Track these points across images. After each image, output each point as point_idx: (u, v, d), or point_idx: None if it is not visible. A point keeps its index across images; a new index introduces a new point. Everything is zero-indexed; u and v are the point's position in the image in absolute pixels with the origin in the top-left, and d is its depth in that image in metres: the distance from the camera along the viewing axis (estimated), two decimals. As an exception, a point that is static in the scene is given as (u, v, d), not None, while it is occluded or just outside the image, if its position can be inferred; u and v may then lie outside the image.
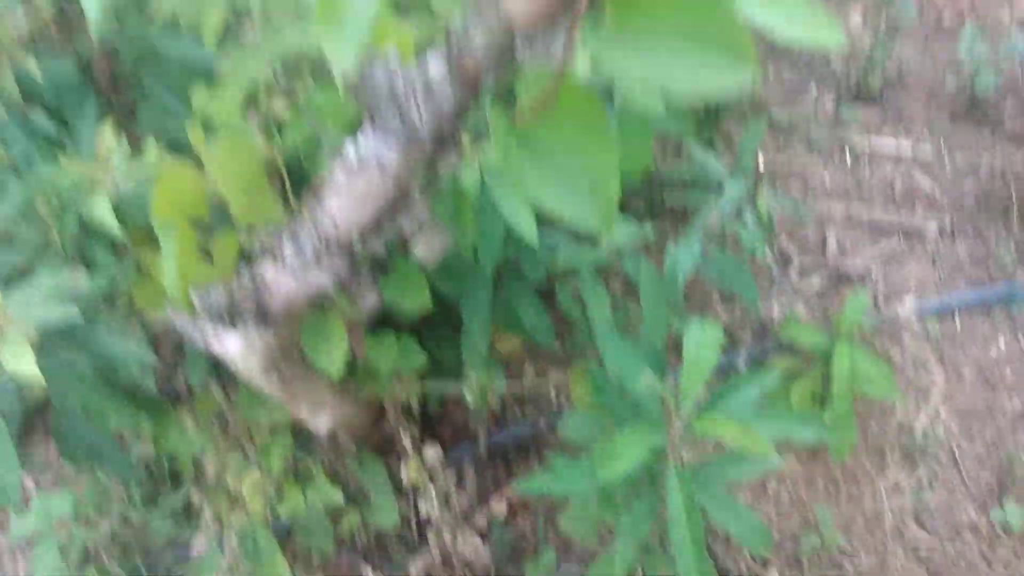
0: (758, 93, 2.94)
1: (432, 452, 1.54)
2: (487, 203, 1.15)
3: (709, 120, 2.28)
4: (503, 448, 1.98)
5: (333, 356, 1.09)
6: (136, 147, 1.20)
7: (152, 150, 1.15)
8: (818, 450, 1.93)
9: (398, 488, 1.69)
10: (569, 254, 1.42)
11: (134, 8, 1.36)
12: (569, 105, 0.63)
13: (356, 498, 1.66)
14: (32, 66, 1.11)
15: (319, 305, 1.17)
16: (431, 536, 1.61)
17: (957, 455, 1.90)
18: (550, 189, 0.67)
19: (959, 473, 1.89)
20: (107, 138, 1.11)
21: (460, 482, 1.78)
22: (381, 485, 1.62)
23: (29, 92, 1.20)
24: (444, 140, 0.73)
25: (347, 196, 0.80)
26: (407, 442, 1.52)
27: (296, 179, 0.94)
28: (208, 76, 1.10)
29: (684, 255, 1.31)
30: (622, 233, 1.47)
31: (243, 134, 0.83)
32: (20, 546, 2.02)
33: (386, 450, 1.64)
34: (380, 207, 0.81)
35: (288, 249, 0.87)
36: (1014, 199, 2.39)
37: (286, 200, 0.89)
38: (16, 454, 0.99)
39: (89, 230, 1.15)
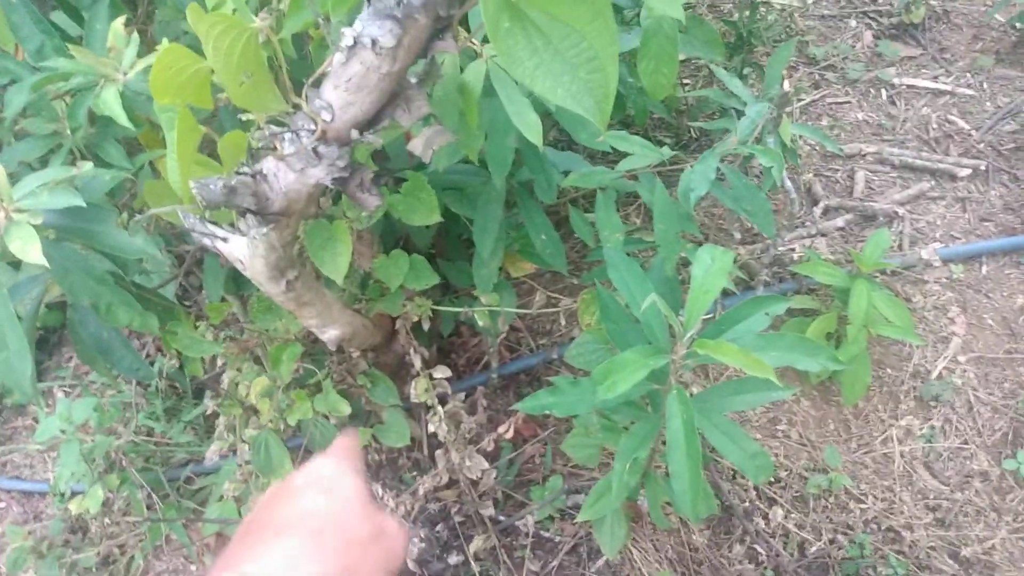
0: (795, 23, 2.85)
1: (441, 372, 1.55)
2: (495, 109, 1.13)
3: (740, 47, 2.21)
4: (515, 377, 1.99)
5: (338, 263, 1.09)
6: (151, 48, 1.20)
7: (164, 46, 1.14)
8: (831, 392, 1.92)
9: (409, 410, 1.72)
10: (582, 175, 1.39)
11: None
12: (565, -20, 0.61)
13: (368, 417, 1.68)
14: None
15: (326, 214, 1.16)
16: (439, 457, 1.63)
17: (973, 403, 1.87)
18: (545, 73, 0.65)
19: (973, 421, 1.86)
20: (118, 32, 1.10)
21: (471, 409, 1.80)
22: (392, 405, 1.64)
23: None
24: (440, 18, 0.71)
25: (344, 85, 0.78)
26: (417, 362, 1.53)
27: (298, 71, 0.93)
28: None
29: (698, 176, 1.28)
30: (640, 154, 1.45)
31: (240, 9, 0.82)
32: (47, 450, 2.09)
33: (399, 372, 1.66)
34: (376, 97, 0.80)
35: (287, 142, 0.86)
36: (1054, 144, 2.30)
37: (287, 93, 0.88)
38: (28, 343, 1.01)
39: (101, 126, 1.15)
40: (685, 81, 2.61)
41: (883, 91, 2.59)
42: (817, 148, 2.43)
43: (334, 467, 0.60)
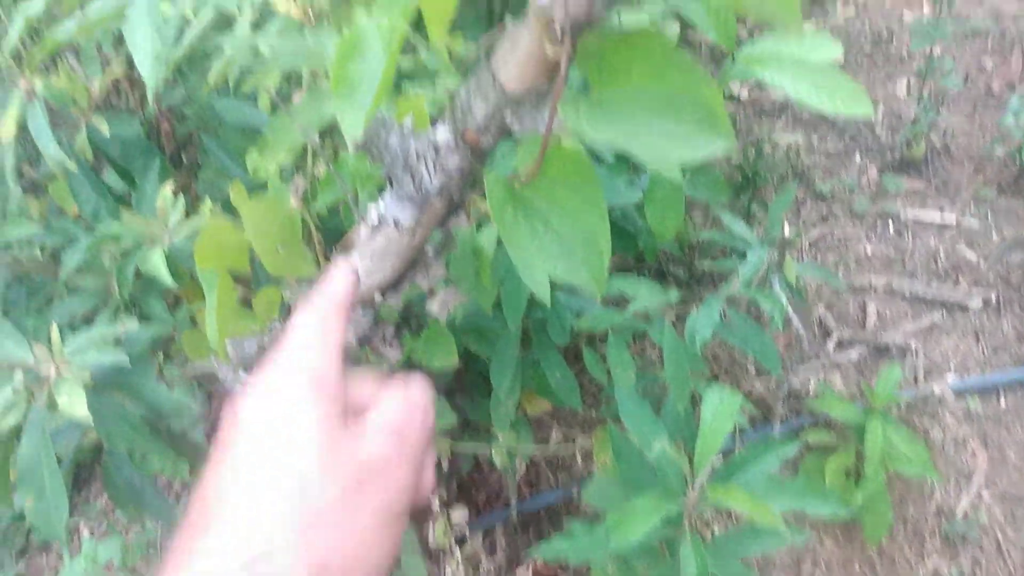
0: (801, 160, 2.98)
1: (460, 514, 1.57)
2: (507, 262, 1.21)
3: (747, 187, 2.32)
4: (535, 514, 1.99)
5: (359, 407, 1.15)
6: (195, 204, 1.31)
7: (206, 209, 1.25)
8: (854, 532, 1.89)
9: (428, 551, 1.72)
10: (595, 317, 1.46)
11: (196, 72, 1.49)
12: (559, 168, 0.69)
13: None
14: (103, 126, 1.23)
15: (349, 358, 1.23)
16: (456, 595, 1.62)
17: (1001, 543, 1.83)
18: (544, 249, 0.72)
19: (1004, 563, 1.81)
20: (167, 196, 1.21)
21: (491, 548, 1.80)
22: (410, 546, 1.65)
23: (101, 151, 1.33)
24: (453, 201, 0.80)
25: (368, 254, 0.87)
26: (435, 503, 1.55)
27: (329, 238, 1.02)
28: (262, 138, 1.21)
29: (702, 320, 1.34)
30: (649, 297, 1.51)
31: (278, 194, 0.91)
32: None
33: (417, 513, 1.67)
34: (398, 265, 0.88)
35: (316, 302, 0.94)
36: (1063, 275, 2.35)
37: (318, 258, 0.96)
38: (65, 489, 1.06)
39: (146, 282, 1.25)
40: (695, 215, 2.72)
41: (890, 224, 2.68)
42: (827, 281, 2.49)
43: (295, 381, 0.44)
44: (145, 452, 1.11)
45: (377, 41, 0.63)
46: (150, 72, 0.78)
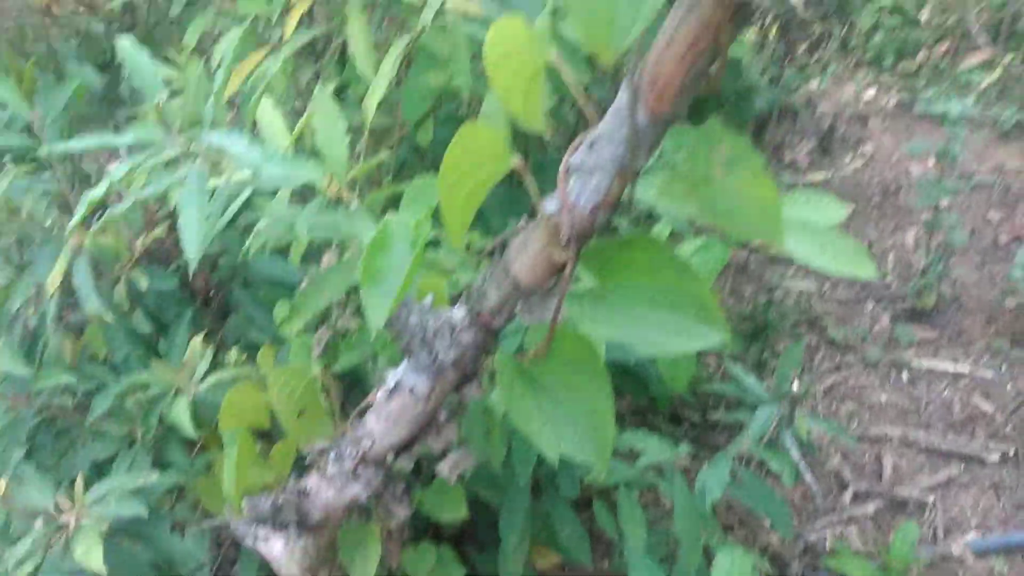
0: (812, 309, 3.03)
1: (464, 667, 1.52)
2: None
3: (757, 337, 2.36)
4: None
5: (367, 566, 1.15)
6: (223, 353, 1.37)
7: (232, 358, 1.31)
8: None
9: None
10: (605, 471, 1.47)
11: (233, 228, 1.59)
12: (565, 351, 0.74)
13: None
14: (141, 277, 1.31)
15: (359, 513, 1.25)
16: None
17: None
18: (551, 429, 0.76)
19: None
20: (196, 348, 1.27)
21: None
22: None
23: (136, 299, 1.40)
24: (466, 374, 0.84)
25: (384, 416, 0.91)
26: (440, 655, 1.51)
27: (347, 399, 1.06)
28: (291, 292, 1.28)
29: (713, 479, 1.35)
30: (659, 452, 1.53)
31: (302, 363, 0.97)
32: None
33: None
34: (411, 429, 0.92)
35: (331, 462, 0.97)
36: (1082, 430, 2.33)
37: (335, 417, 1.01)
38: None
39: (168, 429, 1.29)
40: (709, 360, 2.75)
41: (904, 373, 2.69)
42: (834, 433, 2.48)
43: None
44: (154, 603, 1.12)
45: (404, 239, 0.70)
46: (194, 250, 0.85)
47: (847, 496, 2.20)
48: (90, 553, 0.97)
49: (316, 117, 1.01)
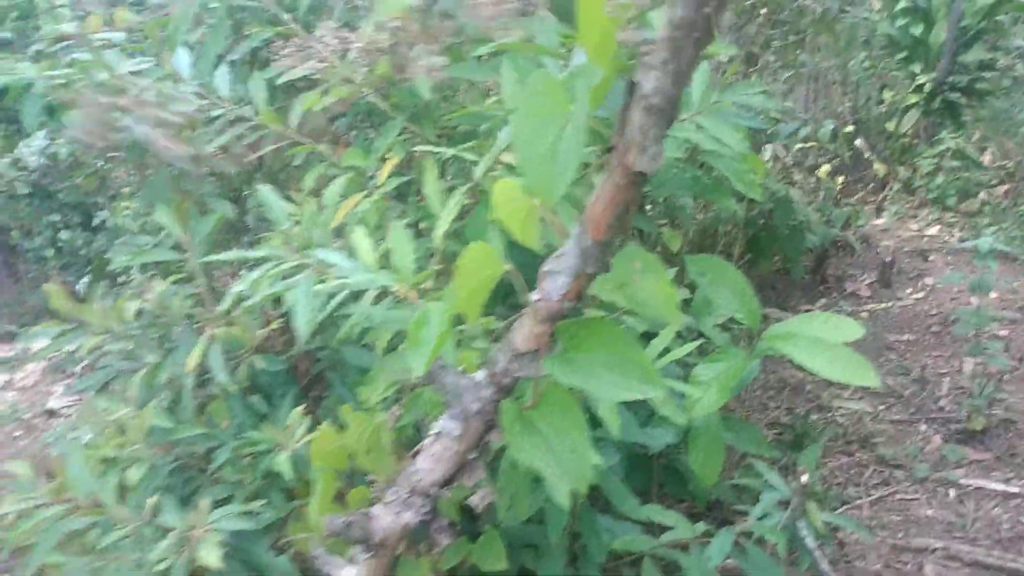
0: (865, 429, 3.16)
1: None
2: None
3: (797, 446, 2.54)
4: None
5: (418, 591, 1.43)
6: (316, 427, 1.72)
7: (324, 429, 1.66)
8: None
9: None
10: (628, 540, 1.71)
11: (332, 326, 1.98)
12: (552, 402, 1.05)
13: None
14: (259, 361, 1.70)
15: (412, 550, 1.54)
16: None
17: None
18: (541, 459, 1.06)
19: None
20: (296, 415, 1.63)
21: None
22: None
23: (253, 379, 1.79)
24: (488, 422, 1.16)
25: (430, 456, 1.22)
26: None
27: (407, 445, 1.38)
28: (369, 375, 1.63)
29: (716, 549, 1.57)
30: (680, 530, 1.76)
31: (372, 414, 1.30)
32: None
33: None
34: (450, 467, 1.22)
35: (390, 494, 1.28)
36: None
37: (398, 457, 1.33)
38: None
39: (271, 478, 1.63)
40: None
41: (951, 491, 2.77)
42: (887, 540, 2.58)
43: None
44: (250, 613, 1.43)
45: (437, 318, 1.04)
46: (304, 331, 1.22)
47: (885, 602, 2.30)
48: (210, 555, 1.30)
49: (393, 242, 1.40)
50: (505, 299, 1.43)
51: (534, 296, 0.99)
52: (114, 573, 1.37)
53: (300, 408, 1.67)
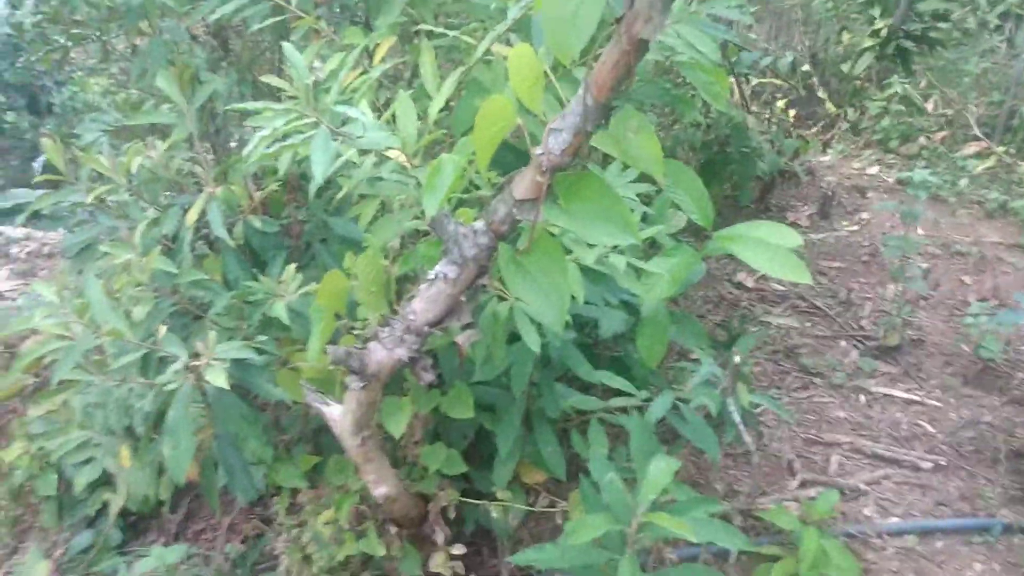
0: (791, 342, 3.45)
1: (458, 549, 1.96)
2: (518, 349, 1.71)
3: (728, 346, 2.80)
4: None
5: (399, 422, 1.62)
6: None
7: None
8: (799, 634, 2.17)
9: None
10: (580, 400, 1.92)
11: (321, 199, 2.10)
12: (543, 246, 1.22)
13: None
14: (257, 223, 1.82)
15: (395, 391, 1.72)
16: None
17: (924, 657, 2.10)
18: (529, 294, 1.23)
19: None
20: (290, 271, 1.77)
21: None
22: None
23: (248, 238, 1.91)
24: (482, 267, 1.32)
25: (425, 298, 1.39)
26: (440, 538, 1.95)
27: (401, 293, 1.54)
28: (356, 247, 1.77)
29: (656, 407, 1.80)
30: (625, 398, 1.99)
31: (375, 255, 1.45)
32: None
33: (423, 548, 2.07)
34: (443, 309, 1.39)
35: (385, 332, 1.45)
36: (1003, 452, 2.71)
37: (392, 305, 1.49)
38: (192, 445, 1.54)
39: (264, 326, 1.78)
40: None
41: (862, 397, 3.09)
42: (801, 435, 2.89)
43: None
44: (246, 436, 1.59)
45: (450, 168, 1.19)
46: (320, 174, 1.35)
47: (794, 483, 2.60)
48: (217, 376, 1.45)
49: (398, 108, 1.53)
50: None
51: (538, 151, 1.15)
52: (126, 392, 1.52)
53: (293, 266, 1.81)
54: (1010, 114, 4.99)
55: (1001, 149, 4.82)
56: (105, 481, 2.12)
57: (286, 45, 1.51)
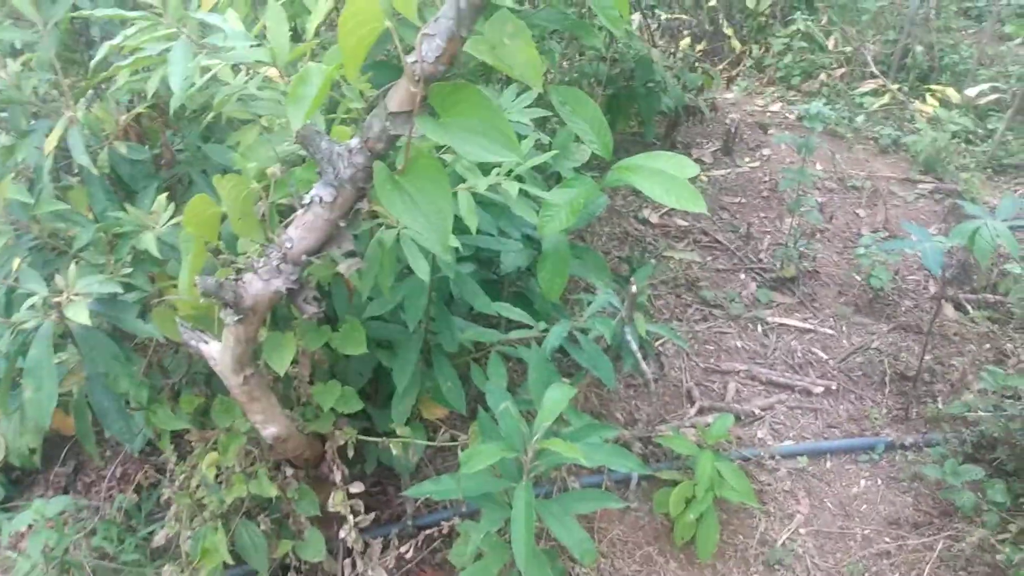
0: (692, 275, 3.51)
1: (356, 487, 1.92)
2: (411, 282, 1.65)
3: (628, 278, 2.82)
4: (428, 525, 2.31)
5: (283, 359, 1.54)
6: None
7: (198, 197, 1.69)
8: (693, 553, 2.24)
9: (326, 515, 2.03)
10: (478, 332, 1.89)
11: (194, 125, 1.96)
12: (420, 167, 1.15)
13: (293, 533, 2.00)
14: (122, 149, 1.68)
15: (278, 324, 1.64)
16: (347, 566, 1.94)
17: (810, 568, 2.21)
18: (409, 216, 1.17)
19: (813, 586, 2.19)
20: (161, 201, 1.65)
21: (386, 548, 2.12)
22: (313, 521, 1.97)
23: (115, 167, 1.76)
24: (360, 189, 1.25)
25: (301, 225, 1.31)
26: (338, 477, 1.91)
27: (278, 221, 1.45)
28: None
29: (552, 337, 1.78)
30: (523, 330, 1.96)
31: (245, 178, 1.35)
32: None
33: (322, 489, 2.02)
34: (321, 236, 1.31)
35: (260, 262, 1.36)
36: (888, 374, 2.85)
37: (270, 229, 1.40)
38: (56, 387, 1.43)
39: (135, 261, 1.66)
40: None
41: (759, 327, 3.18)
42: (700, 364, 2.96)
43: None
44: (117, 375, 1.49)
45: (317, 76, 1.10)
46: (179, 89, 1.24)
47: (693, 410, 2.67)
48: (78, 313, 1.34)
49: (268, 19, 1.41)
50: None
51: (410, 58, 1.07)
52: (-24, 334, 1.39)
53: (164, 196, 1.69)
54: (904, 52, 5.13)
55: (895, 87, 4.97)
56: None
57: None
